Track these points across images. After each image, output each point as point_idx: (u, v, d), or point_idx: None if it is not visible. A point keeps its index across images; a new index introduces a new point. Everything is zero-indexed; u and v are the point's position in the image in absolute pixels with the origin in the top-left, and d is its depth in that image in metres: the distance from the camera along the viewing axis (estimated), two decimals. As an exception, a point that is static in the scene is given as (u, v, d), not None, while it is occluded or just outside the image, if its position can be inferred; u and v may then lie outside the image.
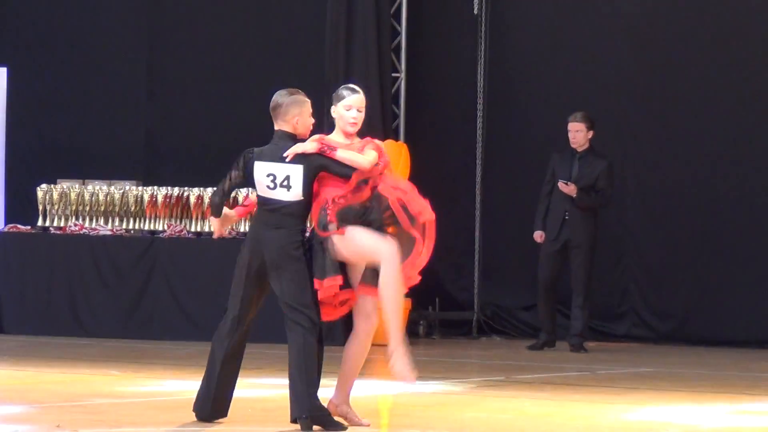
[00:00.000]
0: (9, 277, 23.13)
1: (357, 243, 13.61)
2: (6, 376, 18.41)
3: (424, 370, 17.33)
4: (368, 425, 12.77)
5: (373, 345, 13.65)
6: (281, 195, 13.93)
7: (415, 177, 21.54)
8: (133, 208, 23.12)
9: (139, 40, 25.93)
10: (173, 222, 22.95)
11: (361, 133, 14.37)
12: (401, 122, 24.80)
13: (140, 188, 23.38)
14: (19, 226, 23.43)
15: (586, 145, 22.74)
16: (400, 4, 24.49)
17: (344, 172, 13.67)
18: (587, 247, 22.06)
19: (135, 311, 22.77)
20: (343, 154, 13.61)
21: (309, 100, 13.91)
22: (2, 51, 25.33)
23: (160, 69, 25.80)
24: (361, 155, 13.60)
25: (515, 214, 24.31)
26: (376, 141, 14.13)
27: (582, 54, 24.81)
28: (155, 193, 23.12)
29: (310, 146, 13.79)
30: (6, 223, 23.71)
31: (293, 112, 13.95)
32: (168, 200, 23.02)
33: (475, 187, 25.16)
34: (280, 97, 14.24)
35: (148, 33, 26.40)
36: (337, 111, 13.72)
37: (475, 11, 24.29)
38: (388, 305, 13.50)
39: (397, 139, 24.03)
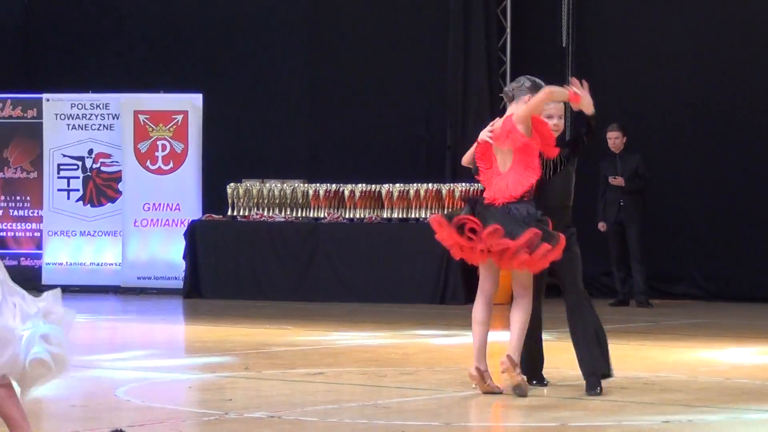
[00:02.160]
0: (206, 255, 23.47)
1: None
2: (204, 331, 18.85)
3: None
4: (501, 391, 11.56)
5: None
6: None
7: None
8: (300, 201, 23.33)
9: (302, 66, 25.89)
10: (332, 211, 23.01)
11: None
12: None
13: (306, 185, 23.47)
14: (213, 215, 23.80)
15: (622, 147, 22.58)
16: (505, 41, 24.21)
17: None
18: (639, 224, 21.99)
19: (303, 279, 22.95)
20: None
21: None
22: (199, 79, 25.14)
23: (319, 89, 25.61)
24: None
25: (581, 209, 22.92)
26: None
27: (650, 81, 24.16)
28: (318, 188, 23.22)
29: None
30: (203, 213, 23.94)
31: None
32: (328, 194, 23.06)
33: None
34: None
35: (309, 60, 26.02)
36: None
37: (563, 45, 24.02)
38: (514, 327, 12.42)
39: None
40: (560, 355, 13.38)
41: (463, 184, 22.55)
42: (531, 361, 12.62)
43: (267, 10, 26.60)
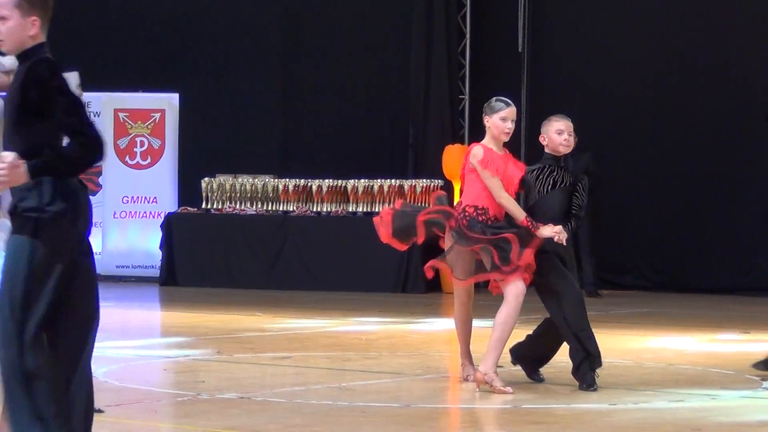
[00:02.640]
0: (182, 245, 23.51)
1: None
2: (179, 317, 18.98)
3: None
4: (512, 393, 11.16)
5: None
6: None
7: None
8: (271, 195, 23.44)
9: (274, 67, 26.00)
10: (300, 204, 23.12)
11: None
12: (466, 132, 24.40)
13: (276, 180, 23.58)
14: (188, 208, 23.86)
15: (573, 146, 22.22)
16: (464, 46, 24.31)
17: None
18: (589, 219, 21.48)
19: (273, 269, 23.07)
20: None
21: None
22: (176, 79, 25.23)
23: (290, 89, 25.64)
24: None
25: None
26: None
27: (600, 83, 24.12)
28: (287, 183, 23.35)
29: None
30: (179, 206, 24.07)
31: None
32: (297, 189, 23.19)
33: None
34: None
35: (281, 61, 26.02)
36: (491, 121, 12.36)
37: (520, 50, 24.00)
38: (496, 333, 12.20)
39: (462, 143, 23.63)
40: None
41: (424, 180, 22.82)
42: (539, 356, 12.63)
43: (241, 13, 26.59)
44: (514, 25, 23.96)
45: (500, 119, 12.27)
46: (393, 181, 23.04)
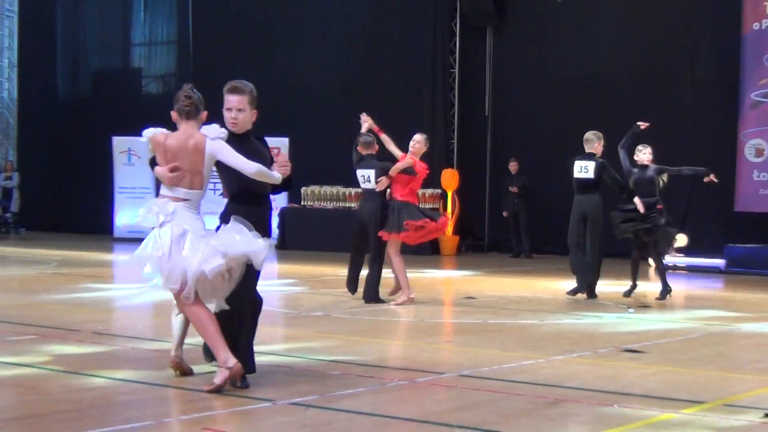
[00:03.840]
0: (290, 226, 23.11)
1: None
2: (288, 267, 18.08)
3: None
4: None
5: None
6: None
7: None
8: (341, 197, 23.37)
9: (339, 117, 23.47)
10: (358, 203, 23.27)
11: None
12: (454, 161, 23.81)
13: (345, 188, 23.24)
14: (293, 204, 23.45)
15: (516, 170, 21.80)
16: (454, 112, 23.88)
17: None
18: (525, 213, 21.56)
19: (342, 240, 20.53)
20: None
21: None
22: (285, 127, 23.41)
23: (351, 131, 24.61)
24: None
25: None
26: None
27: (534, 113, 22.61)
28: (351, 190, 22.79)
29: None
30: (288, 203, 23.31)
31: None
32: (357, 193, 22.24)
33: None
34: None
35: (344, 116, 22.58)
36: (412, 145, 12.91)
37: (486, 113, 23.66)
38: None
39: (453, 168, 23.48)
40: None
41: (431, 189, 22.46)
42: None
43: (313, 84, 25.47)
44: (483, 96, 23.64)
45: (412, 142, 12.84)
46: None
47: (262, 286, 7.19)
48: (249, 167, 6.69)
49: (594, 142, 13.78)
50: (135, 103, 27.44)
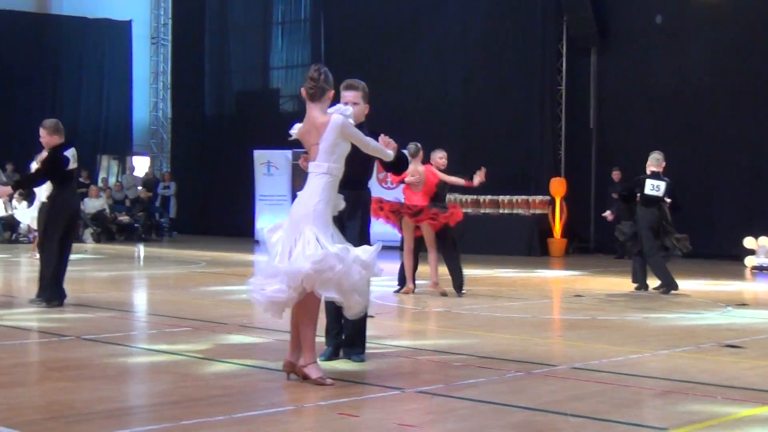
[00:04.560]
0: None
1: None
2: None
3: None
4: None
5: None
6: None
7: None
8: (460, 203, 24.06)
9: (455, 129, 24.46)
10: (475, 209, 23.02)
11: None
12: (562, 171, 23.32)
13: (462, 195, 23.73)
14: None
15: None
16: (561, 125, 23.49)
17: None
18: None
19: (461, 241, 22.96)
20: None
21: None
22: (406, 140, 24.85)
23: (467, 144, 24.23)
24: None
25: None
26: None
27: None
28: (467, 197, 22.58)
29: None
30: None
31: None
32: (473, 200, 23.01)
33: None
34: None
35: (461, 128, 24.38)
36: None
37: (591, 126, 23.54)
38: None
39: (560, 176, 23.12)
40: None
41: (540, 196, 22.49)
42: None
43: (438, 104, 25.51)
44: (588, 110, 23.32)
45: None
46: (522, 197, 22.62)
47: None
48: (368, 141, 6.83)
49: (662, 162, 13.85)
50: (273, 120, 27.72)
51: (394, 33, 26.03)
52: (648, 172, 13.85)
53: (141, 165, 31.42)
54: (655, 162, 13.86)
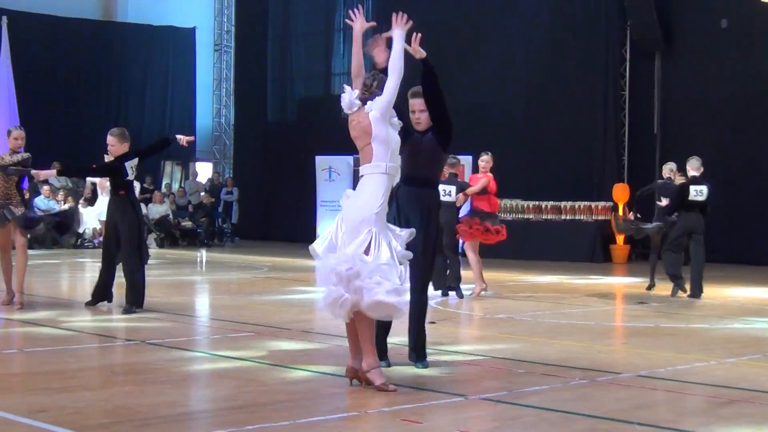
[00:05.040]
0: None
1: None
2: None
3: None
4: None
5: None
6: None
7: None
8: (520, 209, 23.02)
9: (519, 137, 24.64)
10: (536, 215, 23.19)
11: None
12: (625, 177, 23.17)
13: (523, 201, 22.97)
14: None
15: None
16: (624, 132, 23.39)
17: None
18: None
19: (520, 247, 21.57)
20: None
21: None
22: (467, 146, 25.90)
23: (531, 147, 24.01)
24: None
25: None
26: None
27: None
28: (528, 203, 22.71)
29: None
30: None
31: None
32: (536, 206, 23.02)
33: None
34: None
35: (525, 135, 24.42)
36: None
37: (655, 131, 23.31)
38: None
39: (623, 182, 22.96)
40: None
41: (602, 202, 22.32)
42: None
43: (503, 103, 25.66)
44: (651, 115, 23.26)
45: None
46: (585, 202, 22.54)
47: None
48: (389, 86, 6.68)
49: (701, 166, 14.05)
50: (335, 126, 27.36)
51: (455, 39, 25.94)
52: (689, 177, 14.12)
53: (204, 171, 31.74)
54: (694, 168, 14.07)
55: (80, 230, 22.65)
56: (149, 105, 31.47)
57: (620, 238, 22.55)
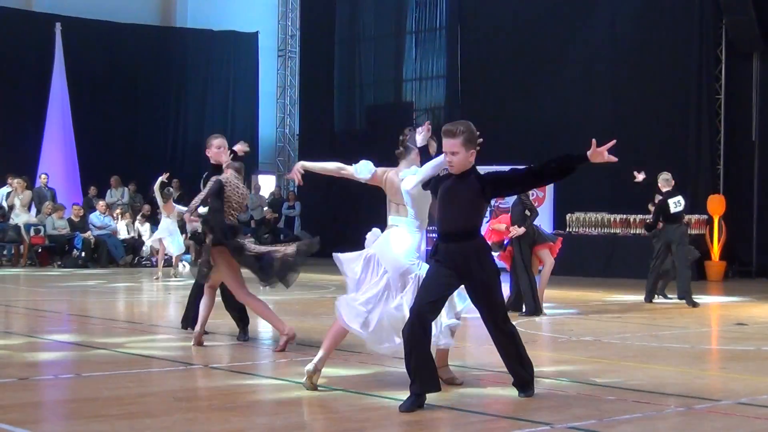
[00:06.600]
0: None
1: None
2: (556, 293, 17.12)
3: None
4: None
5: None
6: None
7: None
8: (605, 222, 23.09)
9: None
10: (624, 229, 22.95)
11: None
12: (720, 188, 23.11)
13: (609, 214, 22.99)
14: (560, 231, 22.59)
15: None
16: (720, 138, 23.26)
17: None
18: None
19: (608, 264, 22.19)
20: None
21: None
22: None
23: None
24: None
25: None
26: None
27: None
28: (615, 216, 22.65)
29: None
30: (553, 229, 22.53)
31: None
32: (622, 220, 22.74)
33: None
34: None
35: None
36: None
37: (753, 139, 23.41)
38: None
39: (719, 194, 22.90)
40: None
41: (697, 215, 22.56)
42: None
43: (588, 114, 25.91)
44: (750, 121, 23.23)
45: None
46: None
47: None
48: (427, 169, 7.39)
49: (671, 179, 15.70)
50: (407, 135, 27.83)
51: (537, 43, 25.90)
52: (664, 192, 15.56)
53: (267, 184, 31.82)
54: (665, 182, 15.53)
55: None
56: (210, 115, 31.74)
57: (716, 254, 22.29)
